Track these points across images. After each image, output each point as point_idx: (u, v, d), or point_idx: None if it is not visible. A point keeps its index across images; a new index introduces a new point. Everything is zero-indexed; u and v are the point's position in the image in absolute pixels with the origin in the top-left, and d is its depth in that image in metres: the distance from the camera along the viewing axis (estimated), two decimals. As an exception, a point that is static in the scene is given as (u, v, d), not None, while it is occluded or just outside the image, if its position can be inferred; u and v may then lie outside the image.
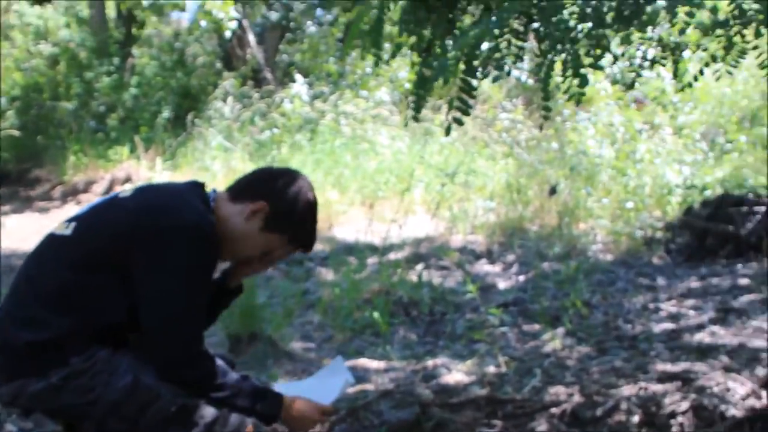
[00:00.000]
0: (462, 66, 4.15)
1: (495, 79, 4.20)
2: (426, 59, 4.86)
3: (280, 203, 3.08)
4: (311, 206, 3.16)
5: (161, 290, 2.87)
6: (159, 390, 2.89)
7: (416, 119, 4.80)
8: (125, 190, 3.17)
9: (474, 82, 4.19)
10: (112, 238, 2.91)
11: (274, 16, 18.95)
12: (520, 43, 4.23)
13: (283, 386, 3.42)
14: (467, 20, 4.92)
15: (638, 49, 5.14)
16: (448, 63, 4.19)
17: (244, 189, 3.14)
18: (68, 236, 2.99)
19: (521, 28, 4.29)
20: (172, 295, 2.87)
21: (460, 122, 4.26)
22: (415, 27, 4.92)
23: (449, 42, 4.65)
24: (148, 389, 2.89)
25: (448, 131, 4.45)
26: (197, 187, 3.12)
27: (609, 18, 4.18)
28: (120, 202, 3.07)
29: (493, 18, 4.09)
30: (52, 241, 3.06)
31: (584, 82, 4.20)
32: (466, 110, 4.20)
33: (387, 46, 6.83)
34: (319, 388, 3.27)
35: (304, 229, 3.16)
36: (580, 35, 4.17)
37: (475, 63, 4.15)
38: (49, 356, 2.85)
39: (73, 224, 3.02)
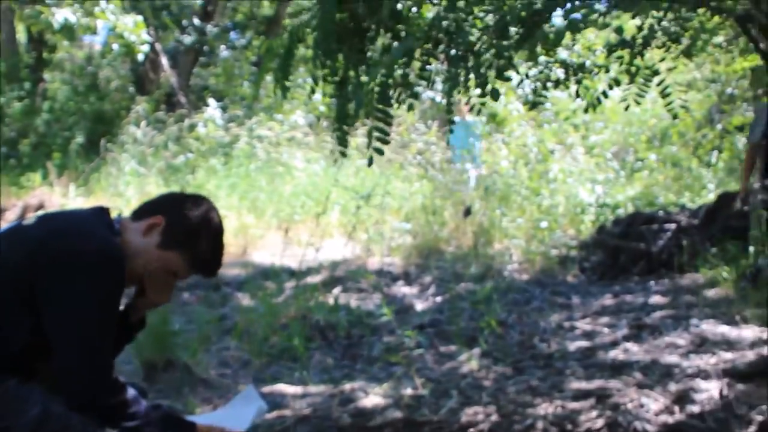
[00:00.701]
0: (376, 96, 4.18)
1: (410, 108, 4.24)
2: (341, 92, 4.88)
3: (177, 219, 3.06)
4: (211, 226, 3.12)
5: (68, 318, 2.83)
6: (69, 420, 2.84)
7: (344, 154, 4.82)
8: (29, 217, 3.13)
9: (390, 111, 4.22)
10: (15, 266, 2.87)
11: (187, 39, 18.86)
12: (429, 66, 4.28)
13: (196, 417, 3.38)
14: (380, 44, 4.95)
15: (543, 70, 5.23)
16: (363, 97, 4.22)
17: (145, 209, 3.13)
18: (-31, 267, 2.93)
19: (430, 50, 4.34)
20: (80, 322, 2.83)
21: (380, 152, 4.28)
22: (326, 58, 4.94)
23: (362, 72, 4.69)
24: (58, 419, 2.84)
25: (370, 162, 4.48)
26: (102, 212, 3.09)
27: (512, 31, 4.24)
28: (23, 230, 3.03)
29: (401, 45, 4.12)
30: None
31: (496, 95, 4.25)
32: (385, 139, 4.22)
33: (302, 70, 6.87)
34: (232, 416, 3.25)
35: (202, 248, 3.10)
36: (482, 48, 4.23)
37: (390, 92, 4.18)
38: (-41, 386, 2.80)
39: (-26, 255, 2.97)
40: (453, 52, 4.38)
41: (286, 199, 11.88)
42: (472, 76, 4.18)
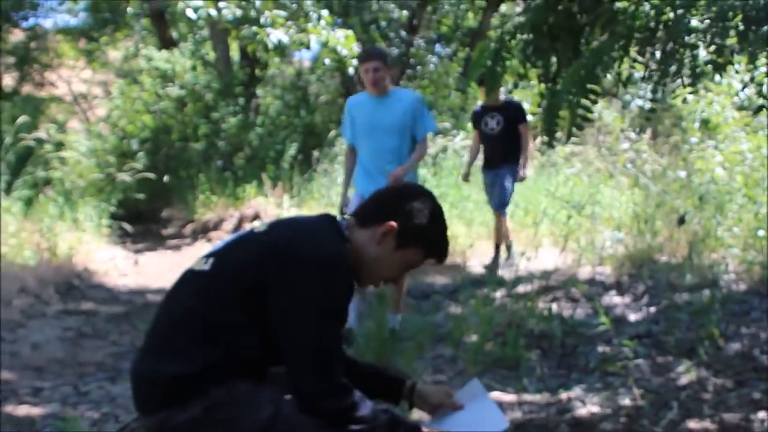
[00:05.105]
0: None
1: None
2: (552, 89, 4.87)
3: (408, 220, 3.18)
4: (438, 215, 3.26)
5: (299, 323, 2.91)
6: (299, 422, 2.92)
7: (551, 144, 4.80)
8: (260, 224, 3.25)
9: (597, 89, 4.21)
10: (248, 272, 2.98)
11: (394, 52, 19.10)
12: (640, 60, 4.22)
13: (425, 424, 3.40)
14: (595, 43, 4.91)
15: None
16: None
17: (370, 213, 3.24)
18: (207, 271, 3.07)
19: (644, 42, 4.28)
20: (310, 327, 2.92)
21: (580, 127, 4.26)
22: (538, 57, 4.93)
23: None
24: (288, 422, 2.92)
25: (569, 137, 4.45)
26: (329, 219, 3.19)
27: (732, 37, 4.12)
28: (255, 236, 3.15)
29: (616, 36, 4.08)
30: (191, 276, 3.14)
31: (703, 75, 4.14)
32: (587, 117, 4.21)
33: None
34: (464, 423, 3.26)
35: (436, 237, 3.26)
36: (701, 43, 4.13)
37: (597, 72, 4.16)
38: (192, 388, 2.91)
39: (211, 260, 3.10)
40: (669, 46, 4.31)
41: (495, 209, 11.88)
42: (684, 68, 4.11)
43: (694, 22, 4.31)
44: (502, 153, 10.14)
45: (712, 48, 4.08)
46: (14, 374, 6.51)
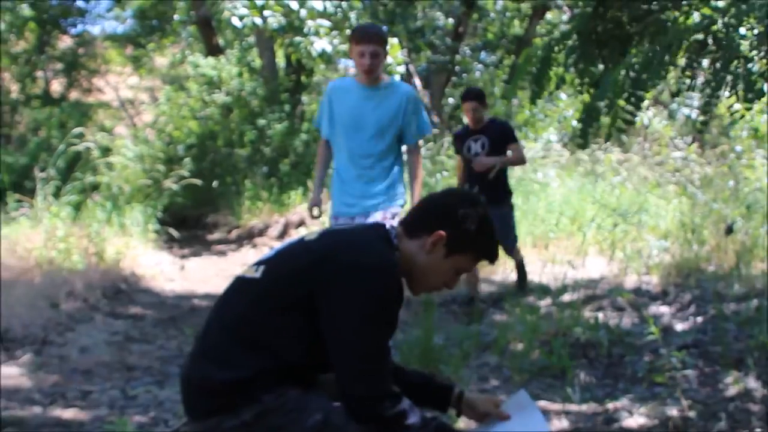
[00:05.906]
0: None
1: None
2: (596, 91, 4.86)
3: (457, 228, 3.18)
4: (486, 219, 3.24)
5: (349, 329, 2.94)
6: (348, 430, 2.94)
7: (583, 146, 4.79)
8: (311, 233, 3.28)
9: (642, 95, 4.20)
10: (298, 279, 3.00)
11: (440, 59, 19.10)
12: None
13: (471, 430, 3.41)
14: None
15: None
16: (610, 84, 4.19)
17: (417, 223, 3.25)
18: (257, 279, 3.10)
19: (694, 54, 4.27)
20: (360, 333, 2.94)
21: (621, 130, 4.25)
22: (584, 64, 4.92)
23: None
24: (337, 428, 2.94)
25: (608, 138, 4.44)
26: (379, 227, 3.21)
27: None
28: (306, 245, 3.17)
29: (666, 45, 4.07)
30: (241, 283, 3.18)
31: (761, 94, 4.11)
32: (631, 120, 4.19)
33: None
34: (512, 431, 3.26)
35: (486, 242, 3.27)
36: (753, 55, 4.11)
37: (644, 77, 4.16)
38: (242, 394, 2.94)
39: (261, 267, 3.14)
40: (719, 63, 4.29)
41: (541, 217, 11.82)
42: (740, 82, 4.09)
43: (744, 31, 4.29)
44: (491, 181, 8.68)
45: (765, 61, 4.06)
46: (62, 377, 6.57)
